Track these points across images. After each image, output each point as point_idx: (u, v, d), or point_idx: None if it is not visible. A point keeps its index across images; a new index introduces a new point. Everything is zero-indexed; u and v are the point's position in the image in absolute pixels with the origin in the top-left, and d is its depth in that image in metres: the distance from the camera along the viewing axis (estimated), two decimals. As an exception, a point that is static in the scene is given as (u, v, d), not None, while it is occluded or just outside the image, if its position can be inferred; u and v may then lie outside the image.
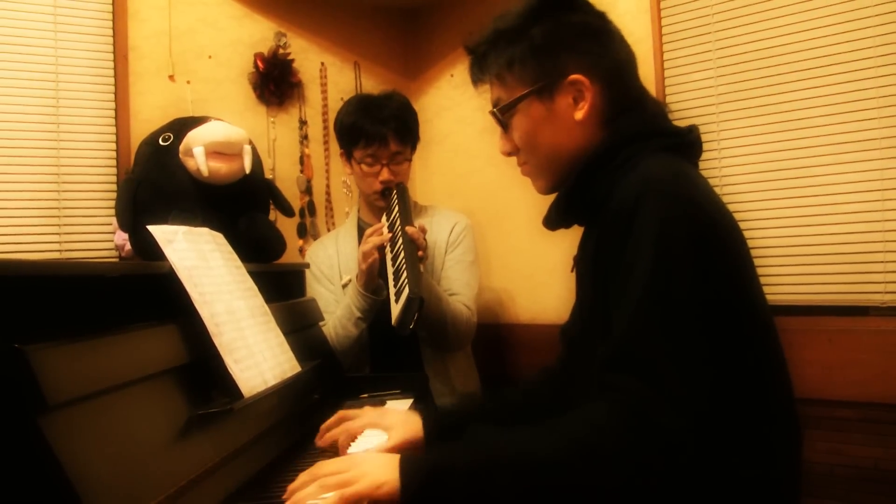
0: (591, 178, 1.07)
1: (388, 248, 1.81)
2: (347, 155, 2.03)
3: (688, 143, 1.10)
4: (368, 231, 1.84)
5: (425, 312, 1.69)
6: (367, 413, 1.25)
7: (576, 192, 1.10)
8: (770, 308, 1.04)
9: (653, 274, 0.92)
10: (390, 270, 1.79)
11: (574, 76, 1.07)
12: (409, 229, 1.77)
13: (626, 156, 1.04)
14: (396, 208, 1.88)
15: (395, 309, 1.69)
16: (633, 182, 0.99)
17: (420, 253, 1.78)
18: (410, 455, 0.96)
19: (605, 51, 1.10)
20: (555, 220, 1.17)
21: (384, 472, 0.92)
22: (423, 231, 1.82)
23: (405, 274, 1.68)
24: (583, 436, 0.91)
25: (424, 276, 1.80)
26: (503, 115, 1.14)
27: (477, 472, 0.90)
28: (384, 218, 1.94)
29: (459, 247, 2.04)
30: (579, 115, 1.08)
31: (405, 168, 2.02)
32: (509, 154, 1.18)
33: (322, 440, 1.24)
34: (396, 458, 0.95)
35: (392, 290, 1.75)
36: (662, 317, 0.91)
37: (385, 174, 1.96)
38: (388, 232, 1.84)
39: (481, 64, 1.16)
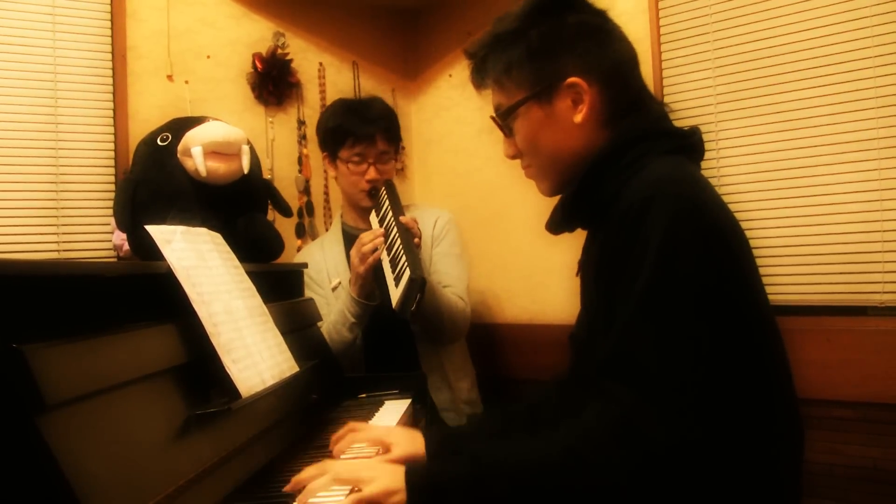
0: (595, 181, 1.06)
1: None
2: (332, 157, 2.05)
3: (691, 145, 1.09)
4: (364, 235, 1.84)
5: (421, 305, 1.70)
6: (375, 429, 1.25)
7: (580, 195, 1.09)
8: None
9: (654, 282, 0.92)
10: (386, 260, 1.79)
11: (572, 79, 1.07)
12: (402, 218, 1.80)
13: (631, 158, 1.03)
14: (387, 203, 1.90)
15: (396, 293, 1.69)
16: (639, 186, 0.98)
17: (416, 241, 1.79)
18: (413, 466, 0.97)
19: (603, 51, 1.09)
20: (559, 223, 1.16)
21: (395, 480, 0.94)
22: (416, 222, 1.84)
23: (404, 258, 1.69)
24: (572, 444, 0.92)
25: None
26: (504, 120, 1.14)
27: (475, 482, 0.92)
28: (373, 215, 1.95)
29: (445, 240, 2.06)
30: (578, 118, 1.08)
31: (391, 167, 2.05)
32: (513, 157, 1.18)
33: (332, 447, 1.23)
34: (402, 468, 0.96)
35: (391, 276, 1.76)
36: (659, 326, 0.91)
37: (372, 173, 1.99)
38: (381, 226, 1.85)
39: (480, 69, 1.15)
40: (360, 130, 1.97)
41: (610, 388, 0.92)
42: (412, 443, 1.19)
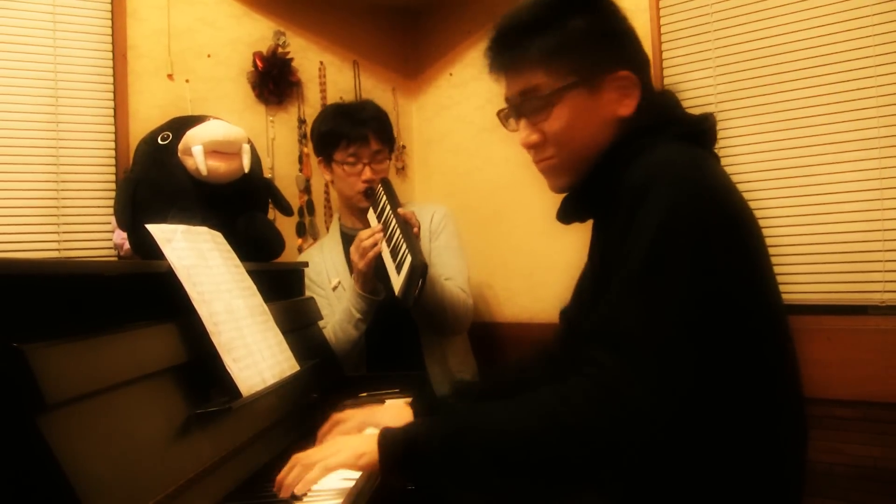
0: (606, 172, 1.06)
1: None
2: (327, 160, 2.06)
3: (702, 131, 1.09)
4: (363, 232, 1.85)
5: (423, 299, 1.70)
6: (359, 413, 1.26)
7: (591, 186, 1.09)
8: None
9: (648, 257, 0.92)
10: (386, 251, 1.80)
11: (624, 72, 1.06)
12: (400, 211, 1.82)
13: (640, 146, 1.03)
14: (384, 198, 1.91)
15: (398, 280, 1.70)
16: (644, 166, 0.98)
17: (415, 230, 1.81)
18: (389, 429, 0.99)
19: (639, 47, 1.11)
20: (569, 213, 1.16)
21: (363, 445, 0.97)
22: (413, 214, 1.86)
23: (404, 247, 1.71)
24: (550, 408, 0.92)
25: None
26: (542, 102, 1.08)
27: (449, 443, 0.94)
28: (371, 213, 1.96)
29: (443, 234, 2.07)
30: (625, 110, 1.07)
31: (385, 167, 2.06)
32: (532, 146, 1.12)
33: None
34: (375, 433, 0.98)
35: (392, 266, 1.77)
36: (648, 298, 0.91)
37: (367, 173, 2.00)
38: (379, 222, 1.86)
39: (512, 49, 1.09)
40: (353, 132, 1.98)
41: (594, 355, 0.93)
42: (399, 417, 1.21)
